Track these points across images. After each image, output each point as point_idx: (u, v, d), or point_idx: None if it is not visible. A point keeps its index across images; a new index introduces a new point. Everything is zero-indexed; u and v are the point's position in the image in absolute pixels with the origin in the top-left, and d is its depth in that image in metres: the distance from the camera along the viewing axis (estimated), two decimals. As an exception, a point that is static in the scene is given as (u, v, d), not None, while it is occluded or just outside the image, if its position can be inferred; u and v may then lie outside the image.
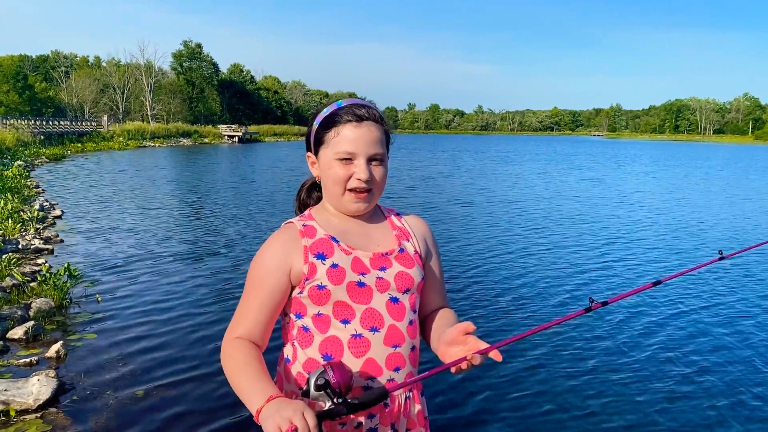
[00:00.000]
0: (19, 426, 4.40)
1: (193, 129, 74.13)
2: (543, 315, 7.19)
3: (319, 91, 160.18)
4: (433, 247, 1.71)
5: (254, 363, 1.42)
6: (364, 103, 1.60)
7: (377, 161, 1.56)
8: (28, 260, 9.33)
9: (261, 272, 1.52)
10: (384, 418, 1.52)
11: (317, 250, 1.52)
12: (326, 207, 1.63)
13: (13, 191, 15.95)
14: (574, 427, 4.57)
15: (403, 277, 1.56)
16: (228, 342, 1.50)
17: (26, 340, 6.04)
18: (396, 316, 1.54)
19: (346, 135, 1.53)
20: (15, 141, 35.21)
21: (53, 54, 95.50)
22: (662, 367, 5.77)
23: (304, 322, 1.54)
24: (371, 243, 1.59)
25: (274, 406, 1.26)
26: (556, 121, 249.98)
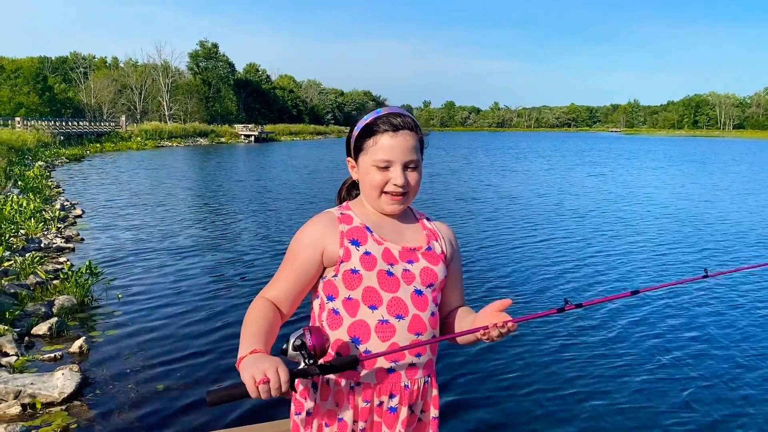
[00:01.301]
0: (45, 418, 4.56)
1: (210, 129, 74.68)
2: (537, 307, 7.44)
3: (335, 90, 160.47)
4: (456, 250, 1.83)
5: (261, 321, 1.55)
6: (400, 111, 1.70)
7: (412, 167, 1.67)
8: (50, 259, 9.54)
9: (298, 247, 1.65)
10: (403, 399, 1.63)
11: (352, 237, 1.64)
12: (364, 202, 1.75)
13: (34, 191, 16.25)
14: (548, 414, 4.90)
15: (428, 272, 1.68)
16: (256, 299, 1.65)
17: (50, 336, 6.22)
18: (420, 307, 1.65)
19: (383, 144, 1.64)
20: (36, 142, 35.73)
21: (72, 55, 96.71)
22: (634, 364, 5.93)
23: (335, 305, 1.64)
24: (402, 238, 1.71)
25: (254, 358, 1.39)
26: (573, 117, 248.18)
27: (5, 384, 4.86)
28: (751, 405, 5.13)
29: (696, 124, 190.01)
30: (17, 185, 17.22)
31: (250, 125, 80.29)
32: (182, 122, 78.90)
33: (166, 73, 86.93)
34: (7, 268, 8.19)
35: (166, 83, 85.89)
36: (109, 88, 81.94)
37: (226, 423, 4.45)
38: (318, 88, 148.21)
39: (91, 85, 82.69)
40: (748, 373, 5.78)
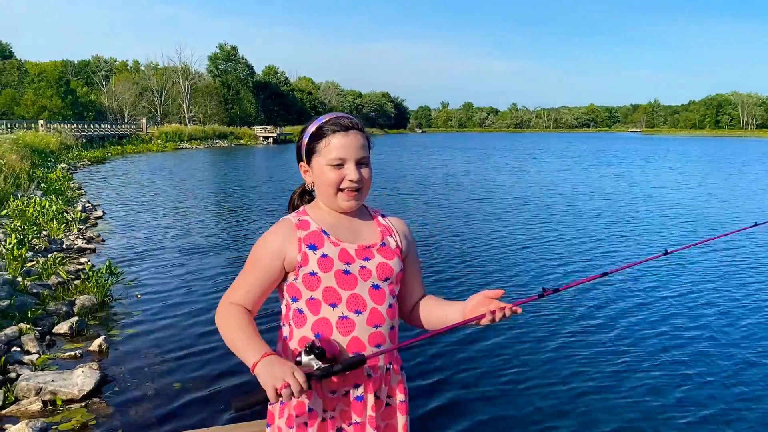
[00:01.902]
0: (65, 414, 4.67)
1: (229, 130, 75.28)
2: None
3: (353, 91, 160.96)
4: (412, 244, 1.94)
5: (248, 325, 1.68)
6: (346, 115, 1.83)
7: (364, 164, 1.79)
8: (72, 259, 9.72)
9: (260, 255, 1.76)
10: (368, 388, 1.75)
11: (309, 242, 1.74)
12: (319, 205, 1.86)
13: (57, 193, 16.53)
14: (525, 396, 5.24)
15: (383, 267, 1.79)
16: (225, 306, 1.75)
17: (71, 335, 6.35)
18: (377, 301, 1.76)
19: (335, 143, 1.76)
20: (58, 144, 36.26)
21: (94, 59, 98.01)
22: (611, 346, 6.40)
23: (299, 305, 1.76)
24: (357, 237, 1.81)
25: (267, 363, 1.53)
26: (592, 117, 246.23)
27: (27, 381, 4.98)
28: (721, 371, 5.74)
29: (718, 124, 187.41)
30: (40, 187, 17.52)
31: (268, 127, 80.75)
32: (202, 124, 79.62)
33: (186, 76, 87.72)
34: (30, 269, 8.36)
35: (186, 86, 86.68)
36: (130, 91, 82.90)
37: (205, 423, 4.49)
38: (336, 90, 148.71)
39: (113, 88, 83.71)
40: (719, 344, 6.45)
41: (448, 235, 12.69)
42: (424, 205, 17.47)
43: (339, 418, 1.76)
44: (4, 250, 8.63)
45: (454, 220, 14.71)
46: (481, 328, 6.26)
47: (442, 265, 9.80)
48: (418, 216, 15.28)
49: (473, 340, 6.39)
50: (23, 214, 11.92)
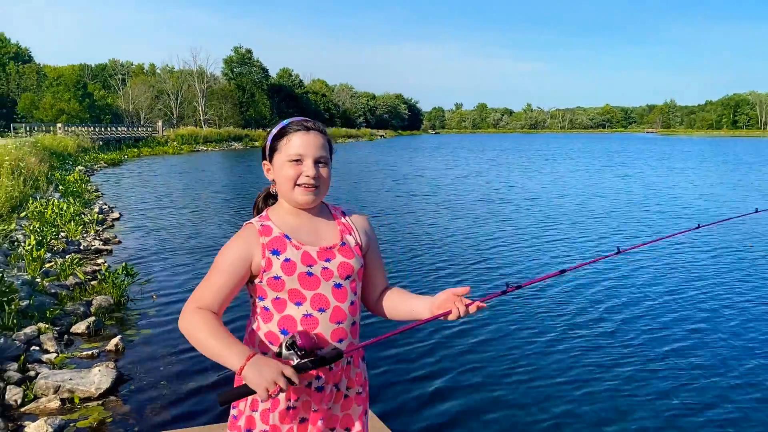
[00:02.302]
0: (82, 412, 4.76)
1: (244, 133, 75.73)
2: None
3: (366, 93, 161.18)
4: (373, 239, 2.04)
5: (223, 329, 1.74)
6: (309, 119, 1.94)
7: (322, 163, 1.88)
8: (89, 260, 9.86)
9: (226, 261, 1.83)
10: (328, 379, 1.85)
11: (273, 247, 1.82)
12: (282, 205, 1.94)
13: (74, 195, 16.74)
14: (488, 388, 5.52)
15: (344, 267, 1.87)
16: (191, 311, 1.79)
17: (88, 335, 6.45)
18: (339, 299, 1.85)
19: (295, 141, 1.86)
20: (76, 147, 36.72)
21: (111, 62, 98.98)
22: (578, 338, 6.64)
23: (265, 304, 1.86)
24: (319, 238, 1.89)
25: (254, 365, 1.62)
26: (607, 118, 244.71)
27: (46, 379, 5.07)
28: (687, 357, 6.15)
29: (735, 124, 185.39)
30: (58, 189, 17.76)
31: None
32: (217, 127, 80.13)
33: (201, 79, 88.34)
34: (48, 269, 8.49)
35: (201, 89, 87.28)
36: (147, 94, 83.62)
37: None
38: (350, 92, 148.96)
39: (129, 91, 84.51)
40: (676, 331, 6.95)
41: (428, 234, 13.21)
42: (411, 206, 17.53)
43: (302, 408, 1.84)
44: (24, 251, 8.77)
45: (439, 220, 15.24)
46: (446, 322, 6.29)
47: (416, 261, 10.45)
48: (400, 215, 15.72)
49: (439, 334, 6.70)
50: (42, 215, 12.10)
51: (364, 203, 17.93)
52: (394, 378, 5.61)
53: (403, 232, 13.41)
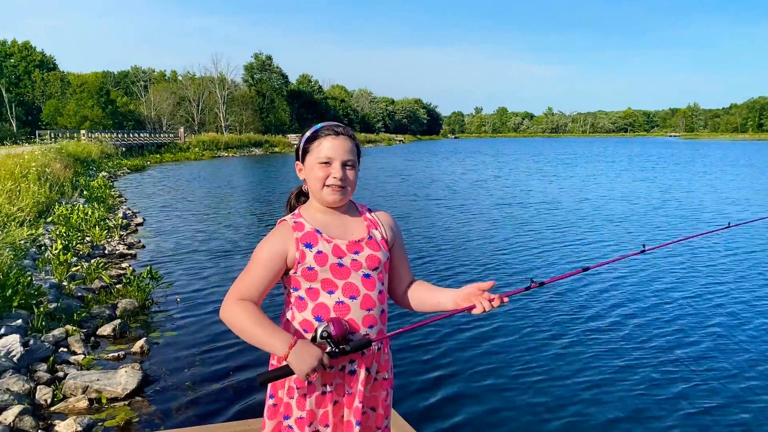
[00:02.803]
0: (109, 412, 4.87)
1: (264, 139, 76.31)
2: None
3: (385, 98, 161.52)
4: (397, 234, 2.17)
5: (265, 318, 1.90)
6: (340, 123, 2.08)
7: (350, 166, 2.02)
8: (113, 264, 10.04)
9: (264, 254, 1.98)
10: (360, 363, 1.98)
11: (305, 241, 1.97)
12: (312, 204, 2.08)
13: (99, 201, 17.03)
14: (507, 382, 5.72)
15: (372, 258, 2.01)
16: (233, 302, 1.95)
17: (114, 337, 6.59)
18: (369, 288, 1.99)
19: (325, 144, 2.00)
20: (99, 153, 37.30)
21: (133, 69, 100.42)
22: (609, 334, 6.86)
23: (300, 294, 2.00)
24: (347, 233, 2.03)
25: (297, 352, 1.81)
26: (629, 122, 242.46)
27: (74, 380, 5.20)
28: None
29: (761, 127, 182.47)
30: (83, 195, 18.07)
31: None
32: (238, 133, 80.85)
33: (222, 86, 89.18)
34: (74, 273, 8.67)
35: (222, 95, 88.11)
36: (168, 101, 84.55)
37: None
38: (369, 97, 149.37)
39: (151, 97, 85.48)
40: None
41: (452, 233, 13.52)
42: (433, 207, 17.55)
43: (335, 392, 1.98)
44: (51, 255, 8.96)
45: (461, 220, 15.52)
46: (469, 319, 7.01)
47: (440, 259, 10.90)
48: (423, 216, 15.88)
49: (460, 331, 6.91)
50: (68, 220, 12.33)
51: (384, 207, 17.98)
52: (414, 375, 5.68)
53: (427, 231, 13.69)
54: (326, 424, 1.98)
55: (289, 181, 30.79)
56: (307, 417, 1.96)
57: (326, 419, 1.98)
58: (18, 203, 11.48)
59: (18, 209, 10.86)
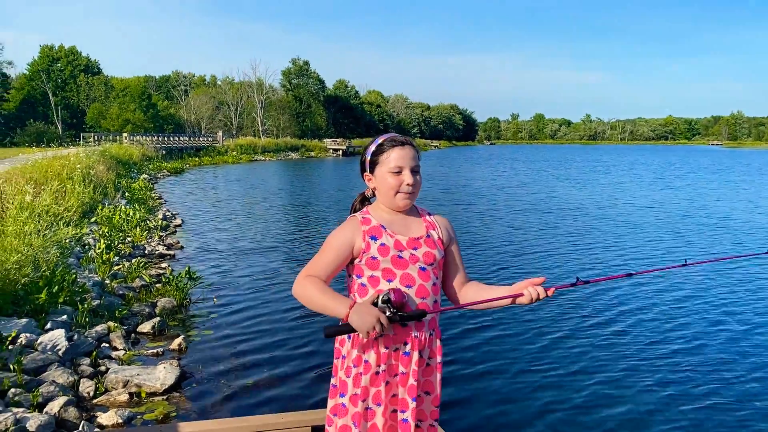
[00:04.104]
0: (148, 405, 5.06)
1: (301, 143, 77.06)
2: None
3: (421, 104, 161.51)
4: (453, 237, 2.38)
5: (329, 288, 2.15)
6: (398, 134, 2.30)
7: (416, 171, 2.25)
8: (153, 264, 10.32)
9: (335, 243, 2.23)
10: (414, 346, 2.17)
11: (371, 234, 2.20)
12: (379, 206, 2.31)
13: (139, 202, 17.48)
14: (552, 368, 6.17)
15: (428, 255, 2.23)
16: (304, 278, 2.20)
17: (153, 334, 6.80)
18: (424, 279, 2.20)
19: (395, 155, 2.23)
20: (140, 156, 38.09)
21: (174, 74, 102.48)
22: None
23: (362, 281, 2.22)
24: (408, 231, 2.26)
25: (357, 311, 2.01)
26: (670, 129, 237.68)
27: (116, 374, 5.40)
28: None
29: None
30: (124, 196, 18.56)
31: (338, 140, 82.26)
32: (275, 137, 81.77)
33: (260, 90, 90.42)
34: (116, 272, 8.96)
35: (260, 100, 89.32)
36: (208, 105, 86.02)
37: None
38: (405, 103, 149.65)
39: (191, 102, 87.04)
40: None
41: (497, 236, 13.86)
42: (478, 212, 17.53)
43: (387, 372, 2.15)
44: (95, 254, 9.27)
45: (506, 225, 15.65)
46: (519, 312, 7.73)
47: (488, 260, 11.51)
48: (472, 219, 15.79)
49: (507, 322, 7.47)
50: (110, 221, 12.71)
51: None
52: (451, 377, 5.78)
53: (469, 235, 14.04)
54: (378, 402, 2.14)
55: (325, 185, 31.09)
56: (362, 393, 2.12)
57: (379, 398, 2.13)
58: (64, 203, 11.88)
59: (65, 209, 11.24)
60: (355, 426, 2.13)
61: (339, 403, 2.18)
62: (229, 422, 3.24)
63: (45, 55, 71.10)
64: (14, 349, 5.51)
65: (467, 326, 7.15)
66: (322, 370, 5.84)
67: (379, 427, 2.14)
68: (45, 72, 68.23)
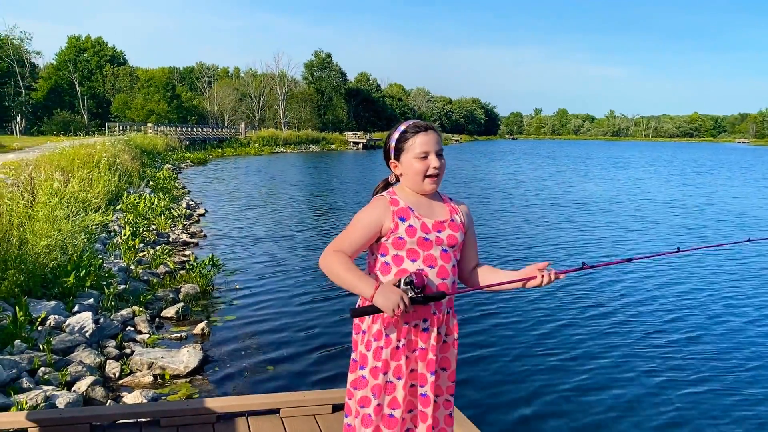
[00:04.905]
0: (172, 387, 5.19)
1: (321, 136, 77.24)
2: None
3: (443, 98, 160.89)
4: (471, 222, 2.48)
5: (355, 267, 2.21)
6: (419, 120, 2.39)
7: (440, 155, 2.32)
8: (177, 251, 10.50)
9: (364, 219, 2.29)
10: (433, 323, 2.26)
11: (400, 215, 2.27)
12: (404, 189, 2.39)
13: (164, 191, 17.73)
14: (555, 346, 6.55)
15: (451, 237, 2.32)
16: (331, 253, 2.25)
17: (177, 319, 6.94)
18: (445, 260, 2.29)
19: (419, 141, 2.29)
20: (164, 146, 38.50)
21: (198, 66, 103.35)
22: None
23: (386, 259, 2.29)
24: (433, 214, 2.34)
25: (382, 292, 2.09)
26: (695, 126, 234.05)
27: (140, 356, 5.54)
28: None
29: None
30: (149, 185, 18.83)
31: (359, 133, 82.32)
32: (296, 129, 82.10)
33: (282, 83, 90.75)
34: (141, 258, 9.13)
35: (282, 92, 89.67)
36: (231, 97, 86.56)
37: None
38: (426, 96, 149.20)
39: (215, 93, 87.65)
40: None
41: (515, 227, 13.80)
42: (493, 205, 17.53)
43: (406, 347, 2.23)
44: (120, 240, 9.46)
45: (520, 218, 15.52)
46: (525, 296, 8.20)
47: (508, 249, 12.08)
48: (487, 211, 15.84)
49: (512, 304, 7.91)
50: (135, 208, 12.93)
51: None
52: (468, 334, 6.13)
53: (490, 225, 14.22)
54: (399, 376, 2.22)
55: (345, 177, 31.21)
56: (382, 366, 2.20)
57: (399, 372, 2.22)
58: (92, 191, 12.11)
59: (92, 196, 11.46)
60: (375, 397, 2.21)
61: (359, 375, 2.26)
62: (254, 398, 3.34)
63: (72, 45, 71.98)
64: (44, 330, 5.68)
65: (476, 309, 7.59)
66: (341, 352, 5.95)
67: (399, 399, 2.21)
68: (72, 62, 69.08)
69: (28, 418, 3.10)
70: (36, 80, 65.73)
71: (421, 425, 2.27)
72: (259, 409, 3.35)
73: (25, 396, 4.42)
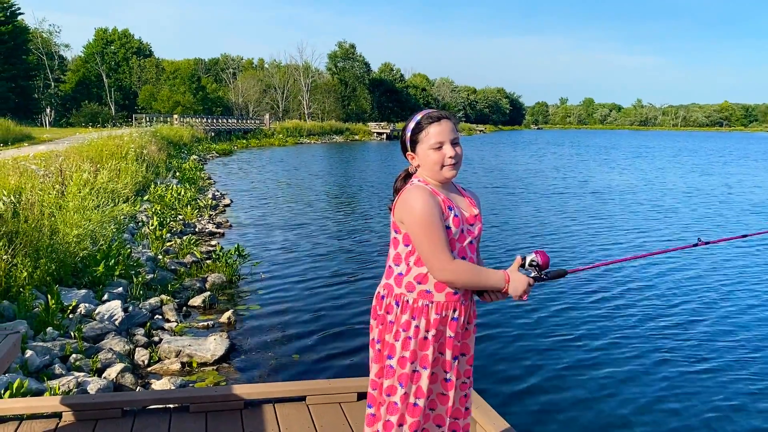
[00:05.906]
0: (199, 375, 5.27)
1: (345, 126, 77.37)
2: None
3: (467, 87, 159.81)
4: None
5: (478, 266, 2.27)
6: (434, 109, 2.36)
7: (456, 143, 2.30)
8: (203, 241, 10.63)
9: (436, 216, 2.21)
10: (461, 313, 2.29)
11: (448, 204, 2.27)
12: (427, 179, 2.34)
13: (190, 182, 17.92)
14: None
15: (479, 230, 2.38)
16: (450, 266, 2.20)
17: (203, 308, 7.04)
18: (471, 252, 2.34)
19: (433, 131, 2.27)
20: (190, 137, 38.88)
21: (223, 57, 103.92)
22: None
23: None
24: (464, 206, 2.36)
25: (513, 284, 2.22)
26: (725, 115, 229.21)
27: (168, 344, 5.64)
28: None
29: None
30: (175, 176, 19.06)
31: (382, 123, 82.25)
32: (320, 120, 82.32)
33: (306, 74, 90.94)
34: (168, 248, 9.27)
35: (306, 83, 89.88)
36: (255, 88, 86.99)
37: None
38: (450, 86, 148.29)
39: (239, 85, 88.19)
40: None
41: (529, 216, 13.70)
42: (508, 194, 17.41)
43: (436, 336, 2.25)
44: (148, 230, 9.60)
45: (533, 207, 15.45)
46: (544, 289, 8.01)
47: (515, 238, 11.79)
48: (503, 200, 15.68)
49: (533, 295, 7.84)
50: (162, 199, 13.11)
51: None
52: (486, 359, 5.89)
53: (506, 213, 14.07)
54: (425, 366, 2.23)
55: (369, 167, 31.24)
56: (410, 356, 2.21)
57: (426, 361, 2.23)
58: (120, 181, 12.30)
59: (120, 186, 11.64)
60: (401, 386, 2.22)
61: (386, 365, 2.26)
62: (280, 386, 3.39)
63: (99, 37, 72.90)
64: (75, 318, 5.81)
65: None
66: (365, 341, 5.98)
67: (424, 389, 2.23)
68: (99, 54, 69.96)
69: (62, 402, 3.19)
70: (64, 73, 66.74)
71: (440, 407, 2.31)
72: (285, 396, 3.40)
73: (57, 382, 4.53)
